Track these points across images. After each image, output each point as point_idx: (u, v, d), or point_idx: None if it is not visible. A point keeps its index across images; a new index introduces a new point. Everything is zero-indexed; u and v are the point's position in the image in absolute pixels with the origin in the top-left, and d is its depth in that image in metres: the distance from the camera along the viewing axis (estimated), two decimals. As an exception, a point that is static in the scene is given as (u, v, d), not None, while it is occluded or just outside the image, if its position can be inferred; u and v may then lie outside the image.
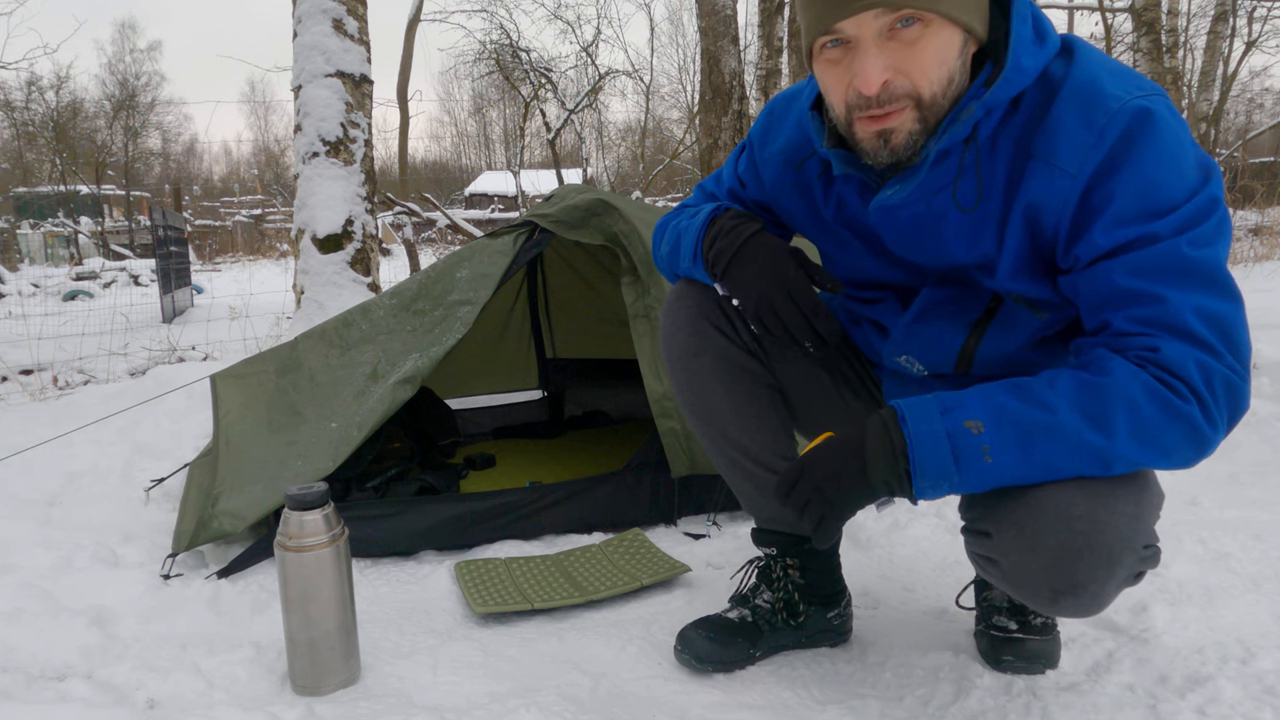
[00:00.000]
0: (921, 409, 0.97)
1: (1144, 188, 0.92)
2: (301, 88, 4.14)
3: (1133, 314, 0.94)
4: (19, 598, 1.57)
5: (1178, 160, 0.93)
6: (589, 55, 15.88)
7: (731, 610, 1.40)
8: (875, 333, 1.29)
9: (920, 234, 1.11)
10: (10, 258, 20.01)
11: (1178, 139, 0.94)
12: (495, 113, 32.35)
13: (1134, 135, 0.92)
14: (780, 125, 1.24)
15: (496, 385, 3.27)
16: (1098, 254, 0.95)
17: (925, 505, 1.94)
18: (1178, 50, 10.09)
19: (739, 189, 1.34)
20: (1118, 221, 0.94)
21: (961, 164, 1.02)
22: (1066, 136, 0.95)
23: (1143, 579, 1.02)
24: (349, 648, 1.32)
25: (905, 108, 0.96)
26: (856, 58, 0.94)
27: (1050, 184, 0.97)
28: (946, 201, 1.05)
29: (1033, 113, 0.99)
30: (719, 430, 1.33)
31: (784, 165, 1.24)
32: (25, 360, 4.57)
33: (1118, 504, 0.94)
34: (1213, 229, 0.94)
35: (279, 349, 2.41)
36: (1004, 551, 0.99)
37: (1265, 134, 12.88)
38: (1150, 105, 0.93)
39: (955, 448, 0.94)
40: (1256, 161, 11.20)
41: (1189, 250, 0.92)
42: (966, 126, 0.98)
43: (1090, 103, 0.95)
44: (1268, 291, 4.41)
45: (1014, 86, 0.97)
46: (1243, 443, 2.35)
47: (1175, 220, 0.92)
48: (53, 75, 24.29)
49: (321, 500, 1.27)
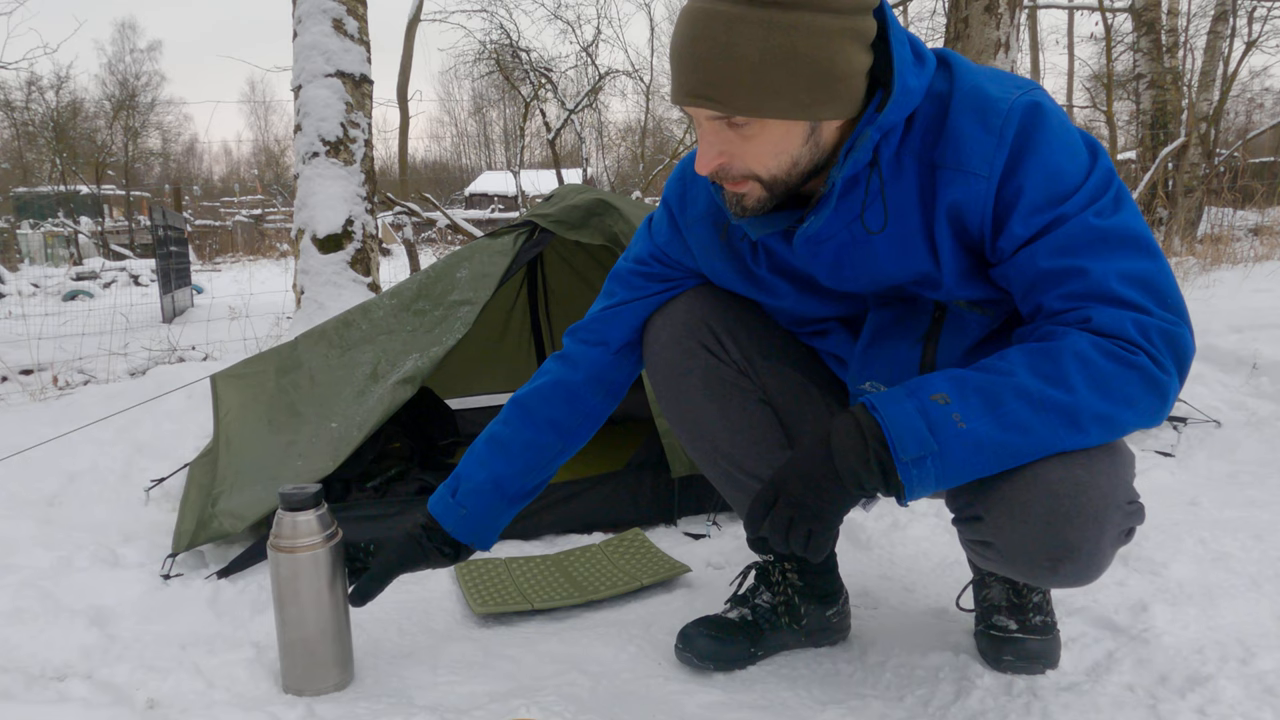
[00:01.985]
0: (888, 396, 0.99)
1: (1047, 175, 0.98)
2: (301, 88, 4.14)
3: (1061, 292, 0.98)
4: (19, 598, 1.57)
5: (1069, 145, 0.99)
6: (589, 55, 15.89)
7: (732, 610, 1.40)
8: (836, 364, 1.31)
9: (851, 261, 1.12)
10: (10, 258, 20.01)
11: (1064, 126, 1.00)
12: (495, 113, 32.42)
13: (1029, 130, 0.98)
14: (697, 189, 1.25)
15: (496, 385, 3.26)
16: (1018, 243, 1.00)
17: (925, 505, 1.94)
18: (1178, 50, 10.10)
19: (661, 254, 1.31)
20: (1031, 210, 0.98)
21: (867, 189, 1.04)
22: (969, 142, 0.99)
23: (1133, 536, 1.05)
24: (342, 651, 1.31)
25: (747, 181, 1.02)
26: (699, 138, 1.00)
27: (967, 188, 1.00)
28: (860, 229, 1.08)
29: (929, 126, 1.02)
30: (711, 444, 1.32)
31: (708, 228, 1.24)
32: (25, 360, 4.57)
33: (1094, 464, 0.97)
34: (1112, 199, 0.99)
35: (279, 349, 2.41)
36: (997, 530, 1.01)
37: (1265, 134, 12.88)
38: (1035, 99, 0.99)
39: (929, 420, 0.95)
40: (1256, 161, 11.20)
41: (1096, 220, 0.97)
42: (867, 151, 1.00)
43: (983, 107, 0.99)
44: (1268, 291, 4.40)
45: (904, 108, 1.00)
46: (1243, 443, 2.35)
47: (1079, 199, 0.98)
48: (53, 75, 24.34)
49: (314, 501, 1.26)
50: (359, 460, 2.16)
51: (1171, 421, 2.52)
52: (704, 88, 0.95)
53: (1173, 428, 2.49)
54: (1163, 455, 2.27)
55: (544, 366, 1.38)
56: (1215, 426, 2.48)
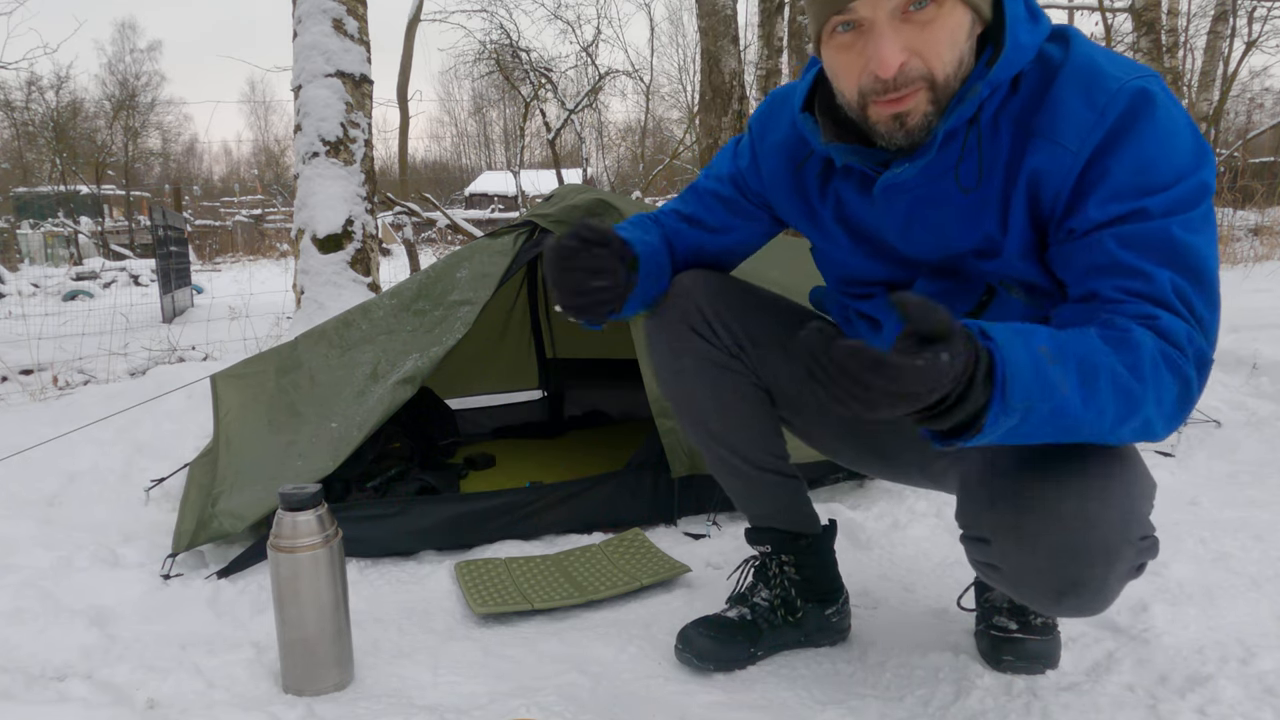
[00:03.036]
0: (1000, 330, 0.84)
1: (1139, 164, 0.94)
2: (301, 88, 4.14)
3: (1120, 284, 0.94)
4: (19, 598, 1.57)
5: (1174, 141, 0.94)
6: (589, 55, 15.89)
7: (731, 609, 1.40)
8: (868, 328, 1.29)
9: (922, 220, 1.10)
10: (10, 258, 20.02)
11: (1175, 121, 0.95)
12: (495, 113, 32.42)
13: (1134, 114, 0.94)
14: (779, 118, 1.24)
15: (496, 385, 3.26)
16: (1090, 226, 0.96)
17: (925, 505, 1.94)
18: (1178, 50, 10.10)
19: (740, 179, 1.32)
20: (1112, 196, 0.95)
21: (964, 145, 1.02)
22: (1068, 114, 0.97)
23: (1144, 570, 1.02)
24: (342, 651, 1.31)
25: (919, 89, 0.96)
26: (871, 40, 0.94)
27: (1053, 159, 0.98)
28: (949, 185, 1.06)
29: (1033, 92, 1.00)
30: (706, 430, 1.33)
31: (783, 160, 1.24)
32: (25, 360, 4.57)
33: (1109, 497, 0.94)
34: (1201, 216, 0.95)
35: (279, 349, 2.41)
36: (1003, 555, 1.00)
37: (1265, 134, 12.88)
38: (1149, 86, 0.95)
39: (1039, 374, 0.83)
40: (1256, 161, 11.18)
41: (1179, 233, 0.93)
42: (972, 106, 0.98)
43: (1091, 83, 0.96)
44: (1268, 291, 4.41)
45: (1015, 65, 0.98)
46: (1243, 443, 2.35)
47: (1166, 199, 0.93)
48: (53, 75, 24.33)
49: (314, 501, 1.26)
50: (359, 460, 2.15)
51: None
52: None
53: (1173, 428, 2.49)
54: (1163, 455, 2.27)
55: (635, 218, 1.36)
56: (1215, 426, 2.48)
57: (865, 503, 2.02)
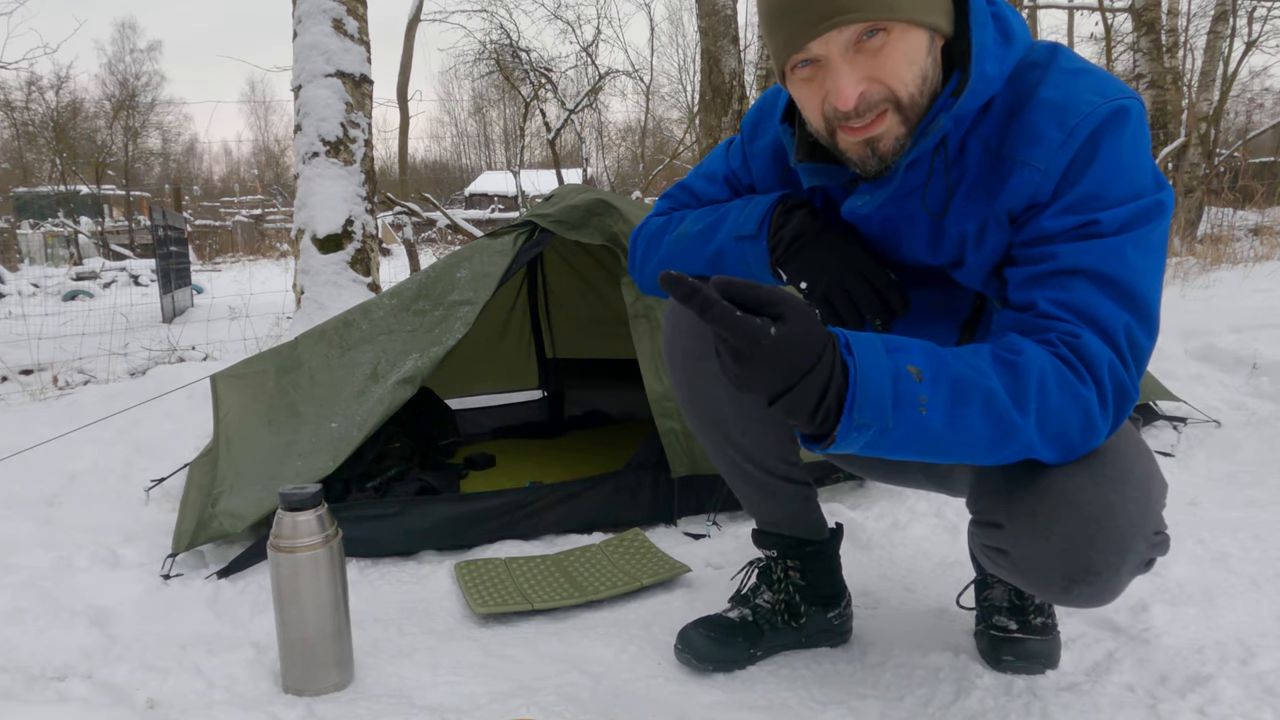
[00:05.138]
0: (868, 345, 0.88)
1: (1100, 179, 0.95)
2: (301, 88, 4.15)
3: (1055, 297, 0.95)
4: (19, 598, 1.57)
5: (1137, 160, 0.95)
6: (589, 55, 15.88)
7: (732, 610, 1.40)
8: None
9: (894, 238, 1.12)
10: (10, 258, 20.02)
11: (1140, 143, 0.96)
12: (495, 113, 32.40)
13: (1102, 132, 0.94)
14: (770, 121, 1.24)
15: (496, 385, 3.27)
16: (1041, 234, 0.97)
17: (925, 505, 1.94)
18: (1178, 50, 10.09)
19: (734, 179, 1.32)
20: (1067, 208, 0.96)
21: (931, 168, 1.03)
22: (1038, 138, 0.97)
23: (1153, 566, 1.03)
24: (341, 651, 1.31)
25: (884, 111, 0.96)
26: (829, 74, 0.95)
27: (1023, 179, 0.98)
28: (916, 204, 1.07)
29: (1003, 117, 1.00)
30: (722, 433, 1.32)
31: (772, 161, 1.24)
32: (25, 360, 4.57)
33: (1127, 490, 0.96)
34: (1158, 238, 0.95)
35: (279, 349, 2.41)
36: (1015, 540, 1.00)
37: (1265, 134, 12.88)
38: (1125, 105, 0.95)
39: (897, 392, 0.86)
40: (1256, 161, 11.19)
41: (1132, 253, 0.93)
42: (935, 138, 0.99)
43: (1064, 108, 0.96)
44: (1268, 291, 4.41)
45: (980, 97, 0.98)
46: (1243, 443, 2.35)
47: (1120, 215, 0.94)
48: (53, 75, 24.36)
49: (314, 501, 1.26)
50: (359, 460, 2.16)
51: (1171, 421, 2.52)
52: (843, 3, 0.91)
53: (1173, 428, 2.49)
54: (1163, 455, 2.27)
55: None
56: (1215, 426, 2.48)
57: (865, 503, 2.02)
